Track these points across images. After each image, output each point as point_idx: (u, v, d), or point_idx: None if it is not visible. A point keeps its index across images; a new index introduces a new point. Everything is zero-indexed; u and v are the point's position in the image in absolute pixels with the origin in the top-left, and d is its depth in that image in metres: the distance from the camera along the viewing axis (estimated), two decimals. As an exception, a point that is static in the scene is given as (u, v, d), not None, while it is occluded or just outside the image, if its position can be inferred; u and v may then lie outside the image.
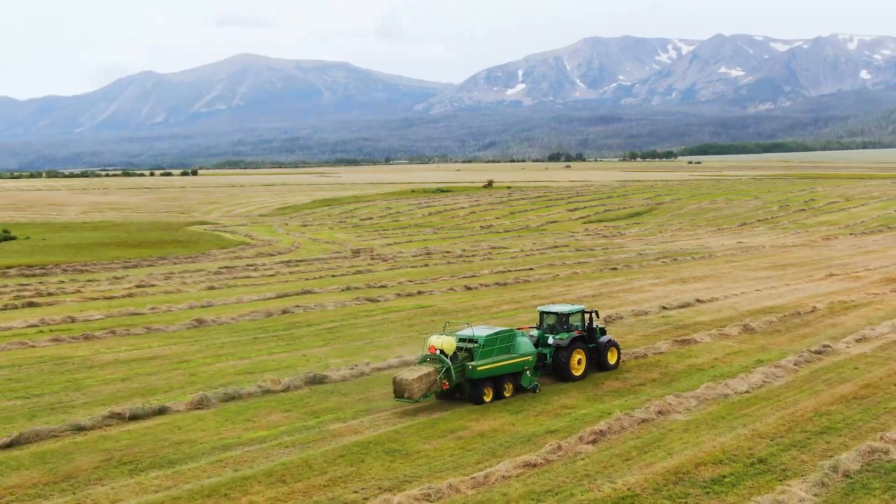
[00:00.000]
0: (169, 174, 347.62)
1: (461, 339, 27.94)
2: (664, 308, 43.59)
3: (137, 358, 35.40)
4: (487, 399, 27.26)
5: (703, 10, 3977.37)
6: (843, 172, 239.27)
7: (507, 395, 27.72)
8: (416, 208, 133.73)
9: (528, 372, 28.36)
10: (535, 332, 30.59)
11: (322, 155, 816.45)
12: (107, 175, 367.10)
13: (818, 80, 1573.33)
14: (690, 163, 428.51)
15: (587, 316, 31.89)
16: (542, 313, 31.94)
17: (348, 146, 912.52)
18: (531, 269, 62.80)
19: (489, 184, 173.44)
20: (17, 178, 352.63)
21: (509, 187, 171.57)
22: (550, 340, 30.21)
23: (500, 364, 27.44)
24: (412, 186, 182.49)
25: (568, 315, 31.07)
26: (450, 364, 26.90)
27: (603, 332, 31.80)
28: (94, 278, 61.62)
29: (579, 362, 30.06)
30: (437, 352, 27.41)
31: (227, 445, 23.84)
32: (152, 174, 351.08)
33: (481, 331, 28.45)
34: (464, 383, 27.30)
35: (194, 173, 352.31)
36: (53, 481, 21.46)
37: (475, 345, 27.56)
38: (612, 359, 31.23)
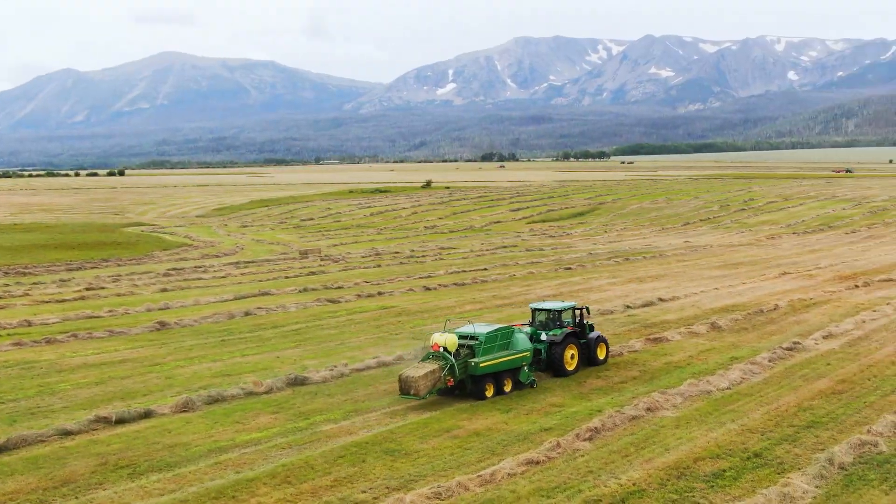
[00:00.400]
0: (95, 174, 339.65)
1: (462, 336, 28.44)
2: (628, 307, 44.42)
3: (107, 361, 34.89)
4: (489, 394, 27.82)
5: (633, 11, 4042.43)
6: (777, 172, 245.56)
7: (506, 390, 28.33)
8: (357, 209, 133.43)
9: (525, 368, 29.06)
10: (527, 329, 31.19)
11: (250, 155, 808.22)
12: (30, 175, 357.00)
13: (747, 80, 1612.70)
14: (623, 163, 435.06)
15: (578, 312, 32.74)
16: (534, 310, 32.74)
17: (276, 146, 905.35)
18: (485, 269, 63.30)
19: (428, 184, 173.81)
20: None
21: (448, 187, 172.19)
22: (543, 336, 30.98)
23: (500, 360, 28.05)
24: (349, 187, 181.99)
25: (560, 312, 31.92)
26: (454, 361, 27.39)
27: (591, 328, 32.59)
28: (38, 281, 60.28)
29: (572, 357, 30.91)
30: (441, 349, 27.83)
31: (222, 448, 23.75)
32: (77, 174, 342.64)
33: (482, 328, 29.02)
34: (466, 379, 27.77)
35: (121, 173, 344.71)
36: (52, 486, 21.21)
37: (476, 342, 28.10)
38: (601, 354, 32.18)
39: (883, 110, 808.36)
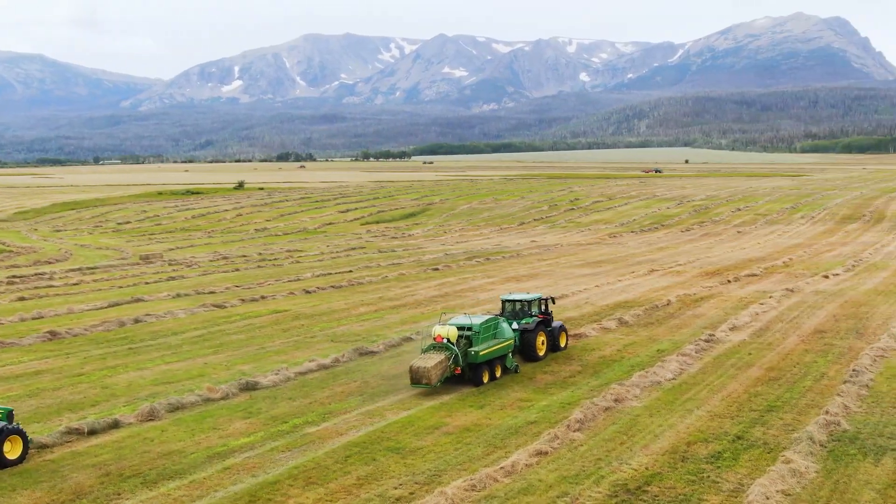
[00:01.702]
0: None
1: (459, 328, 30.24)
2: (524, 306, 46.60)
3: (21, 374, 33.43)
4: (485, 380, 29.95)
5: (425, 10, 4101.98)
6: (588, 172, 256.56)
7: (497, 375, 30.59)
8: (176, 211, 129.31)
9: (510, 355, 31.42)
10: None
11: (18, 154, 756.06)
12: None
13: (540, 81, 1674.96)
14: (425, 163, 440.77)
15: (543, 303, 35.41)
16: (504, 301, 35.30)
17: (48, 145, 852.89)
18: (350, 271, 63.80)
19: (241, 185, 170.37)
20: None
21: (262, 188, 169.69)
22: (515, 325, 33.25)
23: (494, 348, 30.22)
24: (156, 188, 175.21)
25: (530, 302, 34.66)
26: (457, 351, 29.26)
27: (552, 317, 35.14)
28: None
29: (543, 343, 33.56)
30: (444, 340, 29.55)
31: (220, 453, 23.77)
32: None
33: (476, 319, 30.91)
34: (464, 367, 29.67)
35: None
36: (67, 499, 20.89)
37: (472, 332, 29.96)
38: (562, 341, 34.91)
39: (672, 111, 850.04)
